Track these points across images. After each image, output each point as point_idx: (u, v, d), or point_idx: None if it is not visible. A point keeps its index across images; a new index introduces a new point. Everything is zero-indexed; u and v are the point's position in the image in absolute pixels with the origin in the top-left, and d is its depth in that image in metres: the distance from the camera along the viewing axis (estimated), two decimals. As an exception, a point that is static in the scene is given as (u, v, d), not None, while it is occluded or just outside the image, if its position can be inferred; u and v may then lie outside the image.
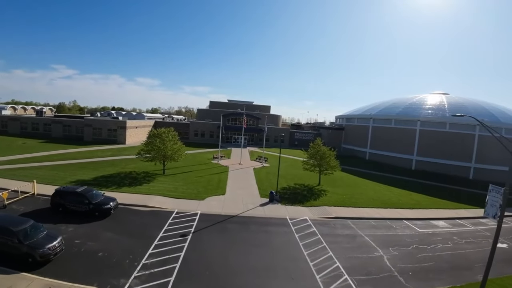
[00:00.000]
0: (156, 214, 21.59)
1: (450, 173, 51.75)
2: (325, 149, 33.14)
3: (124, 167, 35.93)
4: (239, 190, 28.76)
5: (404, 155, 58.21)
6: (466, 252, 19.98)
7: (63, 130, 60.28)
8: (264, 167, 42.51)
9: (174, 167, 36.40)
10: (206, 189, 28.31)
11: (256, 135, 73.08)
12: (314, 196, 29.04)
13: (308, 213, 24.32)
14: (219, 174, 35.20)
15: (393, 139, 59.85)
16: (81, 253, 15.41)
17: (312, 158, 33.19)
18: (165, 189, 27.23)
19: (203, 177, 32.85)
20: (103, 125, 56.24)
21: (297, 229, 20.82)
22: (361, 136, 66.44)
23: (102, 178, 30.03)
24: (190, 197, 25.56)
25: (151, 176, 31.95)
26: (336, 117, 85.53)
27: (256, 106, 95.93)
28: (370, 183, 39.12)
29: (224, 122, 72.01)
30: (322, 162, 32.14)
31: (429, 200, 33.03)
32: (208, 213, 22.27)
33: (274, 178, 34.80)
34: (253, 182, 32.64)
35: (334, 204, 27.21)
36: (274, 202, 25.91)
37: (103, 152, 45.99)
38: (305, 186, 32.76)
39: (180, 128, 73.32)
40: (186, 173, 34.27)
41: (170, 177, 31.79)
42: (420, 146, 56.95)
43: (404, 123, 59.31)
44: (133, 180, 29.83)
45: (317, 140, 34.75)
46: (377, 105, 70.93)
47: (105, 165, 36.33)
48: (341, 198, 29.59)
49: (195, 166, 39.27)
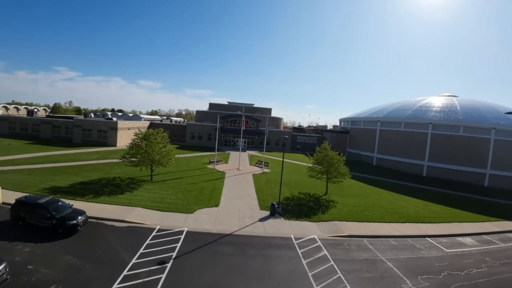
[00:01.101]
0: (133, 232, 17.84)
1: (464, 180, 48.04)
2: (333, 153, 29.41)
3: (108, 172, 32.28)
4: (235, 201, 24.97)
5: (414, 160, 54.44)
6: (505, 277, 16.67)
7: (52, 131, 56.86)
8: (265, 173, 38.73)
9: (164, 173, 32.68)
10: (197, 199, 24.53)
11: (257, 138, 69.35)
12: (322, 208, 25.23)
13: (316, 230, 20.50)
14: (214, 181, 31.42)
15: (403, 143, 56.10)
16: (30, 285, 11.85)
17: (319, 164, 29.42)
18: (149, 199, 23.49)
19: (196, 185, 29.06)
20: (93, 126, 52.65)
21: (305, 252, 17.00)
22: (368, 140, 62.66)
23: (80, 185, 26.40)
24: (178, 209, 21.77)
25: (136, 183, 28.25)
26: (340, 120, 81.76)
27: (256, 109, 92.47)
28: (382, 191, 35.34)
29: (223, 124, 68.38)
30: (330, 168, 28.36)
31: (449, 211, 29.41)
32: (197, 230, 18.47)
33: (275, 186, 31.04)
34: (252, 191, 28.84)
35: (345, 218, 23.41)
36: (276, 216, 22.12)
37: (89, 155, 42.37)
38: (311, 196, 28.96)
39: (176, 130, 69.84)
40: (176, 180, 30.50)
41: (157, 185, 28.04)
42: (432, 151, 53.26)
43: (414, 126, 55.59)
44: (115, 188, 26.14)
45: (324, 143, 31.02)
46: (384, 108, 67.25)
47: (88, 170, 32.72)
48: (353, 210, 25.80)
49: (188, 171, 35.52)
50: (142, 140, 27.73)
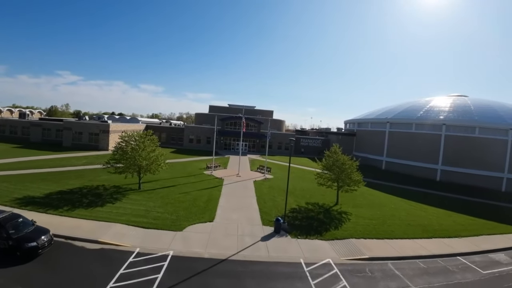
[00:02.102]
0: (106, 257, 14.43)
1: (480, 184, 44.56)
2: (344, 158, 25.98)
3: (93, 179, 29.00)
4: (233, 214, 21.48)
5: (427, 164, 50.91)
6: None
7: (42, 134, 53.77)
8: (267, 179, 35.26)
9: (155, 180, 29.31)
10: (189, 212, 21.05)
11: (258, 141, 65.96)
12: (335, 222, 21.72)
13: (331, 251, 17.00)
14: (210, 190, 27.93)
15: (414, 146, 52.57)
16: None
17: (328, 170, 25.96)
18: (132, 213, 20.08)
19: (189, 194, 25.61)
20: (84, 129, 49.44)
21: (319, 284, 13.49)
22: (376, 142, 59.15)
23: (58, 195, 23.14)
24: (164, 225, 18.32)
25: (121, 192, 24.89)
26: (346, 122, 78.25)
27: (258, 111, 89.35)
28: (397, 199, 31.86)
29: (223, 127, 65.14)
30: (342, 175, 24.89)
31: (473, 222, 26.10)
32: (185, 254, 15.00)
33: (279, 195, 27.60)
34: (253, 201, 25.35)
35: (363, 235, 19.90)
36: (282, 233, 18.63)
37: (77, 160, 39.11)
38: (320, 207, 25.47)
39: (173, 133, 66.70)
40: (168, 188, 27.05)
41: (145, 194, 24.63)
42: (446, 153, 49.79)
43: (427, 128, 52.12)
44: (96, 198, 22.79)
45: (334, 146, 27.58)
46: (392, 108, 63.76)
47: (71, 177, 29.47)
48: (370, 224, 22.29)
49: (182, 178, 32.10)
50: (127, 143, 24.43)
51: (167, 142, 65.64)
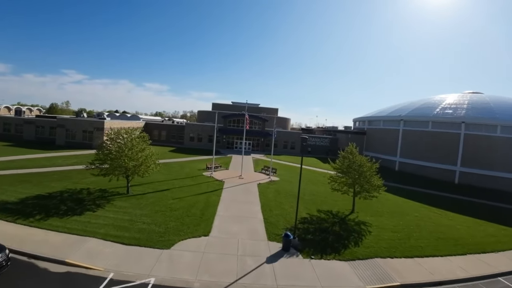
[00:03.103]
0: (71, 284, 11.33)
1: (502, 187, 40.84)
2: (362, 159, 22.59)
3: (78, 181, 26.08)
4: (233, 225, 18.21)
5: (444, 165, 47.16)
6: None
7: (35, 132, 51.29)
8: (272, 181, 31.91)
9: (147, 182, 26.25)
10: (182, 223, 17.84)
11: (262, 140, 62.64)
12: (354, 236, 18.36)
13: (353, 276, 13.63)
14: (208, 195, 24.69)
15: (431, 146, 48.83)
16: None
17: (344, 173, 22.56)
18: (114, 224, 16.98)
19: (184, 200, 22.42)
20: (78, 126, 46.63)
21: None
22: (389, 141, 55.42)
23: (34, 200, 20.24)
24: (149, 241, 15.14)
25: (106, 197, 21.85)
26: (355, 120, 74.39)
27: (262, 109, 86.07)
28: (418, 206, 28.40)
29: (225, 125, 61.99)
30: (360, 179, 21.48)
31: (507, 232, 22.70)
32: (169, 283, 11.73)
33: (287, 201, 24.31)
34: (257, 208, 22.05)
35: (389, 253, 16.52)
36: (291, 251, 15.34)
37: (66, 159, 36.29)
38: (334, 215, 22.10)
39: (173, 131, 63.75)
40: (160, 193, 23.90)
41: (133, 200, 21.51)
42: (465, 154, 45.98)
43: (445, 126, 48.30)
44: (76, 205, 19.77)
45: (350, 145, 24.17)
46: (405, 106, 59.87)
47: (55, 178, 26.64)
48: (395, 238, 18.90)
49: (178, 180, 28.96)
50: (113, 141, 21.35)
51: (167, 140, 62.77)
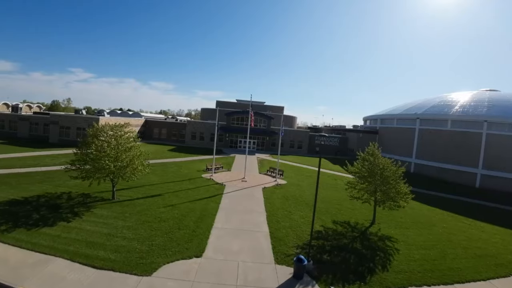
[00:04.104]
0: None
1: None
2: (386, 161, 19.26)
3: (61, 184, 23.30)
4: (233, 242, 14.97)
5: (464, 167, 43.37)
6: None
7: (29, 129, 48.99)
8: (279, 185, 28.58)
9: (137, 186, 23.25)
10: (170, 238, 14.69)
11: (268, 139, 59.35)
12: (380, 256, 15.01)
13: (388, 317, 10.38)
14: (206, 201, 21.49)
15: (449, 146, 45.02)
16: None
17: (364, 178, 19.18)
18: (88, 239, 13.94)
19: (177, 208, 19.29)
20: (71, 123, 43.99)
21: None
22: (403, 141, 51.65)
23: (5, 206, 17.69)
24: (127, 264, 12.03)
25: (88, 203, 18.91)
26: (365, 118, 70.55)
27: (267, 107, 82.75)
28: (443, 214, 25.03)
29: (228, 123, 58.90)
30: (385, 186, 18.10)
31: None
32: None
33: (297, 209, 21.06)
34: (261, 219, 18.78)
35: (424, 279, 13.15)
36: (305, 279, 12.09)
37: (55, 158, 33.53)
38: (353, 228, 18.76)
39: (174, 129, 60.90)
40: (151, 199, 20.79)
41: (117, 208, 18.47)
42: (487, 155, 42.14)
43: (465, 125, 44.44)
44: (50, 213, 16.87)
45: (371, 145, 20.84)
46: (420, 103, 55.94)
47: (37, 180, 23.92)
48: (427, 257, 15.51)
49: (173, 183, 25.82)
50: (94, 138, 18.34)
51: (168, 138, 59.96)
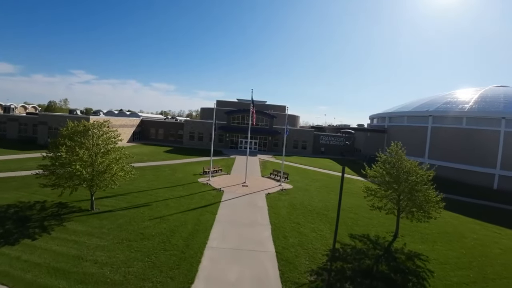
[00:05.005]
0: None
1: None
2: (413, 164, 16.31)
3: (38, 191, 20.36)
4: (230, 268, 12.02)
5: (481, 168, 40.40)
6: None
7: (18, 130, 46.48)
8: (285, 190, 25.58)
9: (123, 193, 20.41)
10: (152, 263, 11.79)
11: (270, 139, 56.47)
12: (412, 281, 12.03)
13: None
14: (201, 212, 18.51)
15: (464, 145, 41.99)
16: None
17: (388, 184, 16.22)
18: (50, 264, 11.11)
19: (165, 221, 16.37)
20: (61, 123, 41.07)
21: None
22: (415, 140, 48.50)
23: (-39, 221, 14.66)
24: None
25: (62, 215, 16.12)
26: (372, 117, 67.43)
27: (269, 106, 79.65)
28: (469, 222, 22.10)
29: (229, 122, 56.10)
30: (417, 195, 15.11)
31: None
32: None
33: (306, 220, 18.13)
34: (266, 234, 15.80)
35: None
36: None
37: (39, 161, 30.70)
38: (374, 244, 15.78)
39: (172, 129, 58.17)
40: (135, 210, 17.85)
41: (94, 221, 15.61)
42: (506, 155, 39.20)
43: (481, 123, 41.44)
44: (17, 227, 14.16)
45: (393, 144, 17.87)
46: (433, 100, 52.84)
47: (12, 186, 21.23)
48: (466, 279, 12.63)
49: (165, 190, 22.87)
50: (65, 139, 15.57)
51: (165, 139, 57.24)
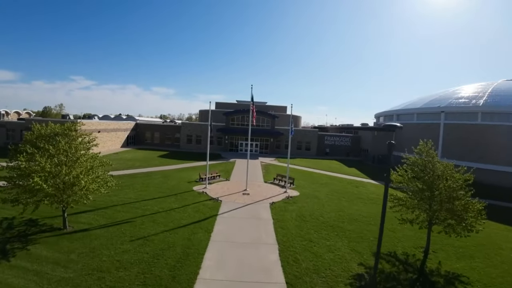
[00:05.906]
0: None
1: None
2: (448, 167, 13.62)
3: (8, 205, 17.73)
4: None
5: (497, 166, 37.58)
6: None
7: (6, 136, 43.99)
8: (291, 198, 22.70)
9: (104, 207, 17.72)
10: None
11: (272, 141, 53.77)
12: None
13: None
14: (193, 228, 15.61)
15: (480, 143, 39.16)
16: None
17: (421, 192, 13.46)
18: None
19: (148, 243, 13.52)
20: (48, 128, 38.75)
21: None
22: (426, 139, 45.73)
23: None
24: None
25: (30, 235, 13.47)
26: (377, 115, 64.48)
27: (269, 107, 76.88)
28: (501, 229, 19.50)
29: (228, 123, 53.51)
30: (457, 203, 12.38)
31: None
32: None
33: (319, 236, 15.34)
34: (273, 258, 12.93)
35: None
36: None
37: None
38: (404, 264, 12.98)
39: (168, 132, 55.58)
40: (115, 227, 15.10)
41: (64, 243, 12.90)
42: (525, 152, 36.49)
43: (497, 118, 38.70)
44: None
45: (422, 143, 15.22)
46: (444, 95, 49.94)
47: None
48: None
49: (153, 201, 20.02)
50: (25, 145, 12.94)
51: (161, 143, 54.66)
